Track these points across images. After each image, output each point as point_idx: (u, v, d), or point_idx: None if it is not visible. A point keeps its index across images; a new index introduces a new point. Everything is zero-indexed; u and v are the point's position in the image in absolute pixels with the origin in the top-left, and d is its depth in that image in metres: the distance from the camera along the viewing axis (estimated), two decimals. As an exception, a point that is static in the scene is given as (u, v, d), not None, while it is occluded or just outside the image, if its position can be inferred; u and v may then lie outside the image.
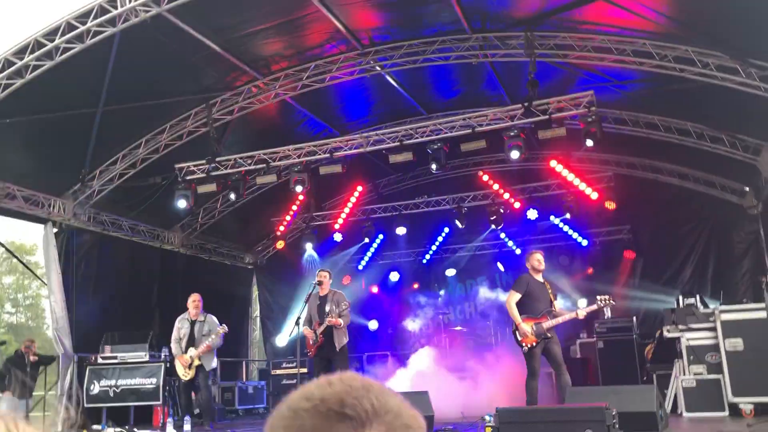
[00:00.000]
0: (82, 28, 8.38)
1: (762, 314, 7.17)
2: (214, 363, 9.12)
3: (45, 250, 10.96)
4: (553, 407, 5.01)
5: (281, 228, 13.89)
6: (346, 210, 13.66)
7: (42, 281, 12.30)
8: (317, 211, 14.19)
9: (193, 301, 9.09)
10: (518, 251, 14.33)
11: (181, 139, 11.26)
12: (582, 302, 12.65)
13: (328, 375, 1.02)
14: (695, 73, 8.96)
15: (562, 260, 13.88)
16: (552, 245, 14.10)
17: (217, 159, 10.91)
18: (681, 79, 9.35)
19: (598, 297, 7.37)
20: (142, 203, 11.83)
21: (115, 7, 8.17)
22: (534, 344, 7.12)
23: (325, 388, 0.97)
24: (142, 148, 11.22)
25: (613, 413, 4.39)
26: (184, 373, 8.82)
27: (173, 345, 9.05)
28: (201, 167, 10.99)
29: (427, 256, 15.27)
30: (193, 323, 9.00)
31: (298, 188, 10.77)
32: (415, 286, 15.02)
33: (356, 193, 13.57)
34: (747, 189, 12.28)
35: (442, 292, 14.81)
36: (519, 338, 7.24)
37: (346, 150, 10.60)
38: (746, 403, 7.41)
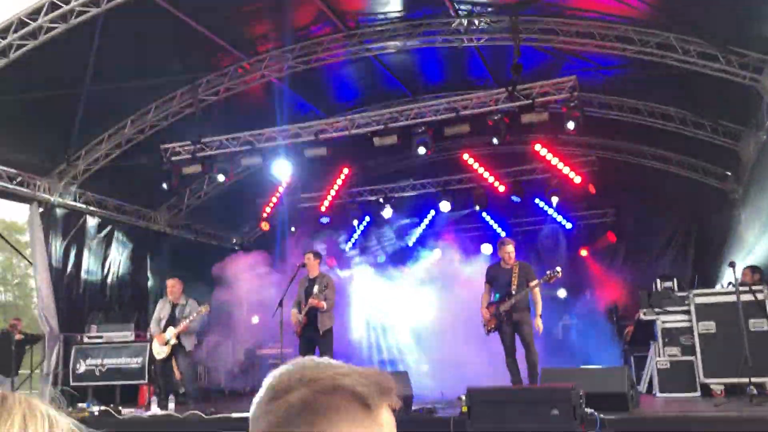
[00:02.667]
0: (65, 7, 8.37)
1: (732, 298, 7.33)
2: (192, 344, 9.20)
3: (30, 230, 11.01)
4: (522, 388, 5.16)
5: (267, 210, 13.94)
6: (333, 192, 13.71)
7: (28, 261, 12.34)
8: (303, 192, 14.24)
9: (171, 287, 9.21)
10: (503, 233, 14.48)
11: (167, 120, 11.27)
12: (561, 292, 12.89)
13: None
14: (676, 60, 9.06)
15: (546, 243, 14.05)
16: (536, 228, 14.25)
17: (203, 140, 10.93)
18: (663, 65, 9.45)
19: (548, 272, 7.81)
20: (129, 184, 11.86)
21: (99, -12, 8.16)
22: (492, 326, 7.81)
23: (274, 377, 1.08)
24: (128, 128, 11.23)
25: (580, 394, 4.53)
26: (158, 351, 8.96)
27: (152, 324, 9.20)
28: (187, 148, 11.02)
29: (413, 238, 15.37)
30: (174, 306, 9.13)
31: (284, 170, 10.82)
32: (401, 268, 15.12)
33: (342, 176, 13.62)
34: (728, 174, 12.43)
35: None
36: (483, 324, 7.95)
37: (331, 132, 10.65)
38: (717, 384, 7.60)
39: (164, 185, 11.02)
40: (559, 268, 7.94)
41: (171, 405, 8.35)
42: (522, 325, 7.78)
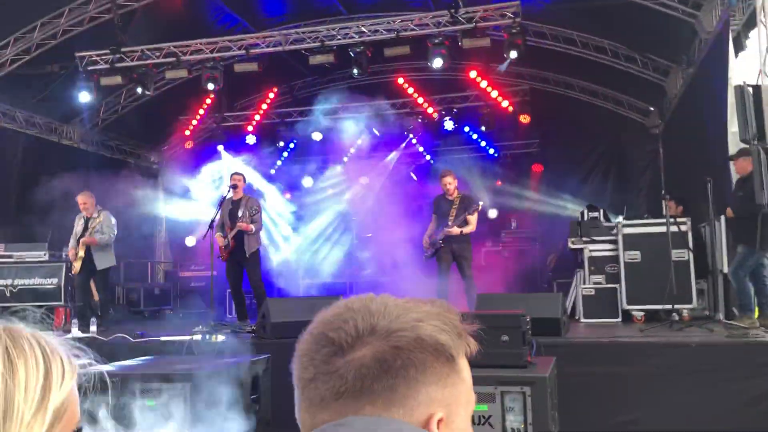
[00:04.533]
0: None
1: (660, 229, 7.61)
2: (111, 261, 8.86)
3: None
4: (472, 313, 5.18)
5: (190, 127, 13.29)
6: (261, 111, 13.19)
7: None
8: (229, 111, 13.63)
9: (81, 203, 8.80)
10: (431, 160, 14.48)
11: (82, 25, 10.34)
12: (492, 212, 13.10)
13: (238, 280, 1.01)
14: (617, -9, 9.02)
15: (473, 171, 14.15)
16: (463, 156, 14.29)
17: (123, 50, 10.15)
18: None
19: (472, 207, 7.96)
20: (39, 93, 10.93)
21: None
22: (429, 253, 8.09)
23: (330, 310, 0.93)
24: (36, 31, 10.25)
25: (527, 320, 4.58)
26: (74, 267, 8.72)
27: (71, 240, 8.85)
28: (104, 57, 10.21)
29: (342, 164, 15.11)
30: (87, 220, 8.74)
31: (210, 86, 10.27)
32: (329, 192, 14.91)
33: (271, 95, 13.09)
34: (652, 109, 12.77)
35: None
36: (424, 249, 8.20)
37: (263, 47, 10.11)
38: (637, 311, 7.97)
39: (83, 96, 10.22)
40: (480, 202, 8.31)
41: (93, 328, 8.01)
42: (461, 258, 7.95)
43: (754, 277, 6.89)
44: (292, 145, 14.41)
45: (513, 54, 9.06)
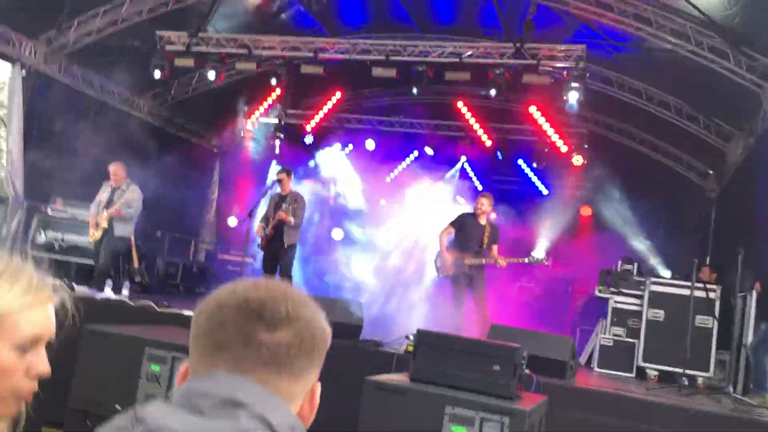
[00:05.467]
0: None
1: (686, 291, 7.54)
2: (128, 232, 8.73)
3: (10, 91, 10.72)
4: (471, 339, 5.30)
5: (252, 118, 13.75)
6: (321, 113, 13.54)
7: (2, 120, 12.09)
8: (292, 108, 14.04)
9: (113, 171, 8.70)
10: (480, 187, 14.55)
11: (167, 7, 10.91)
12: (539, 252, 13.05)
13: (271, 273, 1.23)
14: (688, 50, 9.00)
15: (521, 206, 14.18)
16: (513, 188, 14.32)
17: (200, 35, 10.65)
18: (673, 53, 9.39)
19: (533, 254, 7.86)
20: (117, 65, 11.54)
21: None
22: (449, 274, 7.79)
23: (250, 290, 1.13)
24: (126, 6, 10.85)
25: (524, 355, 4.68)
26: (92, 234, 8.62)
27: (92, 206, 8.75)
28: (182, 40, 10.73)
29: (392, 175, 15.33)
30: (114, 190, 8.70)
31: (274, 81, 10.66)
32: (382, 202, 15.06)
33: (334, 99, 13.43)
34: (711, 172, 12.58)
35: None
36: (437, 265, 7.90)
37: (331, 53, 10.45)
38: (652, 369, 7.89)
39: (156, 73, 10.74)
40: (544, 259, 8.53)
41: (125, 291, 8.43)
42: (476, 283, 7.85)
43: (773, 357, 6.77)
44: (347, 150, 14.65)
45: (572, 96, 9.11)
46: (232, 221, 13.87)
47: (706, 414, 5.72)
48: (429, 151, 13.52)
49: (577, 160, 12.08)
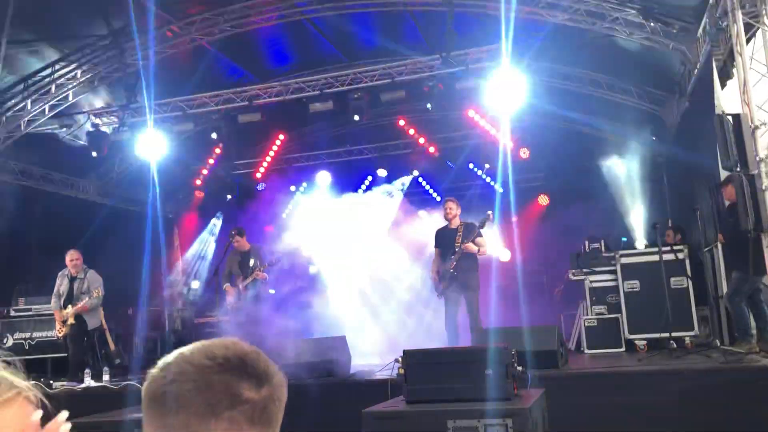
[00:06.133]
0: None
1: (655, 257, 7.69)
2: (98, 320, 8.70)
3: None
4: (458, 348, 5.32)
5: (200, 178, 13.67)
6: (269, 158, 13.54)
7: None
8: (237, 159, 14.00)
9: (71, 259, 8.59)
10: (438, 198, 14.68)
11: (93, 84, 10.82)
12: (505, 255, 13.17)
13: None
14: (605, 27, 9.27)
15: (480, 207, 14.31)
16: (470, 193, 14.47)
17: (131, 105, 10.58)
18: (593, 33, 9.67)
19: (482, 219, 7.80)
20: (52, 152, 11.38)
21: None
22: (445, 285, 7.72)
23: (223, 349, 1.11)
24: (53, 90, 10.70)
25: (513, 353, 4.70)
26: (59, 329, 8.54)
27: (53, 300, 8.65)
28: (114, 114, 10.65)
29: (354, 204, 15.34)
30: (72, 279, 8.59)
31: (215, 135, 10.64)
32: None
33: (278, 142, 13.45)
34: (654, 138, 12.90)
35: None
36: (436, 291, 7.90)
37: (265, 98, 10.49)
38: (640, 340, 8.00)
39: (93, 153, 10.63)
40: (489, 212, 8.00)
41: (105, 377, 8.22)
42: (468, 289, 7.71)
43: (751, 302, 6.93)
44: (302, 189, 14.64)
45: (505, 93, 9.29)
46: (195, 284, 13.69)
47: (699, 371, 5.83)
48: (382, 172, 13.59)
49: (524, 152, 12.29)
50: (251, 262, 8.63)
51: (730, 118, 6.28)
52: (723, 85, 8.18)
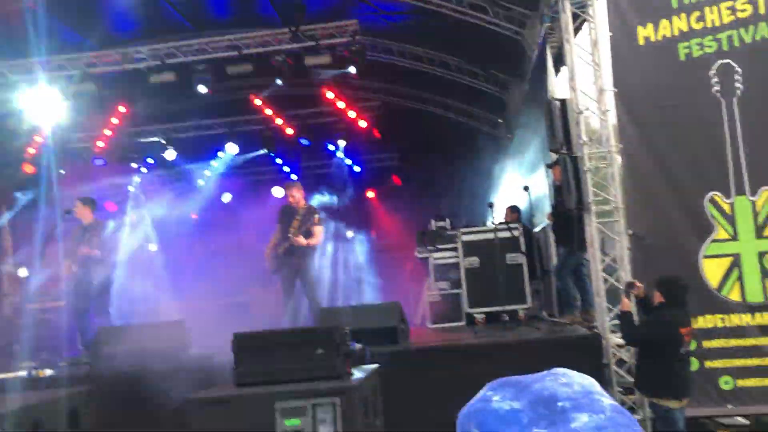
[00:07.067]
0: None
1: (492, 235, 8.01)
2: None
3: None
4: (290, 330, 5.24)
5: (30, 151, 12.52)
6: (107, 132, 12.64)
7: None
8: (75, 132, 12.98)
9: None
10: (294, 177, 14.49)
11: None
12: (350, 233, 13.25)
13: None
14: (450, 9, 9.45)
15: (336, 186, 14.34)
16: (326, 171, 14.44)
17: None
18: (441, 14, 9.83)
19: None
20: None
21: None
22: (273, 267, 7.78)
23: None
24: None
25: (345, 331, 4.68)
26: None
27: None
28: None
29: (202, 182, 14.80)
30: None
31: (48, 107, 9.78)
32: (193, 216, 14.51)
33: (119, 114, 12.58)
34: (500, 121, 13.45)
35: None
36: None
37: (101, 66, 9.76)
38: (479, 313, 8.33)
39: None
40: (323, 214, 8.25)
41: None
42: (300, 272, 7.69)
43: (575, 276, 7.41)
44: (144, 169, 13.89)
45: (352, 69, 9.26)
46: (23, 271, 12.62)
47: (526, 342, 6.15)
48: (232, 149, 13.16)
49: (377, 133, 12.39)
50: (86, 235, 8.08)
51: (558, 102, 6.60)
52: (558, 71, 8.63)
